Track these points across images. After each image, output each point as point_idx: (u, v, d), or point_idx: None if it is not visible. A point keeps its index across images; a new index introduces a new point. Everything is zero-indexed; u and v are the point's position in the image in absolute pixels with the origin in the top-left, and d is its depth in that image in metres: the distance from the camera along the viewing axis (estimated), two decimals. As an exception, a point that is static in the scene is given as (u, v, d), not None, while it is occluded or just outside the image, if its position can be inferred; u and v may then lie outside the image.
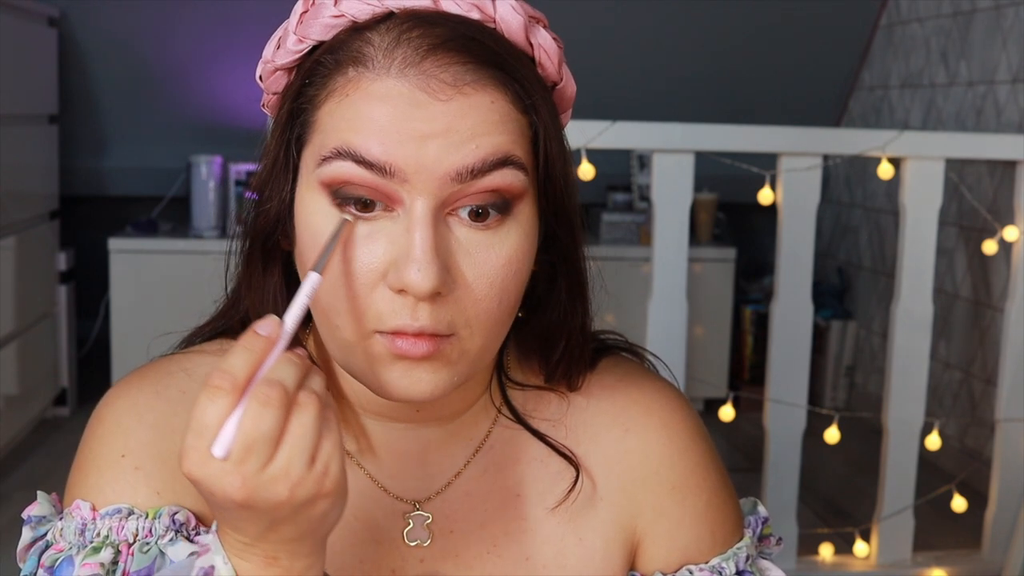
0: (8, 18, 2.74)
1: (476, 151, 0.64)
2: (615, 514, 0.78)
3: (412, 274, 0.63)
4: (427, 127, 0.63)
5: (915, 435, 2.26)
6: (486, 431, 0.78)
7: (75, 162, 3.63)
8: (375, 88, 0.64)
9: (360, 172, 0.64)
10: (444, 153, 0.63)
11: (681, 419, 0.80)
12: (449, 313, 0.65)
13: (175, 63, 3.47)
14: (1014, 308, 2.25)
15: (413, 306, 0.64)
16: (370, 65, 0.65)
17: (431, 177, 0.63)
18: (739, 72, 3.64)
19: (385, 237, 0.65)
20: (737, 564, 0.79)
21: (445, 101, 0.64)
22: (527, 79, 0.68)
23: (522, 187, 0.66)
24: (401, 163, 0.63)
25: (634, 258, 3.38)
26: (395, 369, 0.66)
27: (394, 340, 0.65)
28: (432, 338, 0.65)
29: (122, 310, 3.23)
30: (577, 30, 3.43)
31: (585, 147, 2.02)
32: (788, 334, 2.21)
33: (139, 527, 0.70)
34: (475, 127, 0.64)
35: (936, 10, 3.21)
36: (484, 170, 0.64)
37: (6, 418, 2.80)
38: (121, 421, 0.74)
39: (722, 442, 3.14)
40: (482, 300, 0.66)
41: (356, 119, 0.64)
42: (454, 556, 0.76)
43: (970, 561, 2.33)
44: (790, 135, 2.16)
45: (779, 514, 2.23)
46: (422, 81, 0.64)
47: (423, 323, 0.64)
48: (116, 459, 0.73)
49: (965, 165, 2.88)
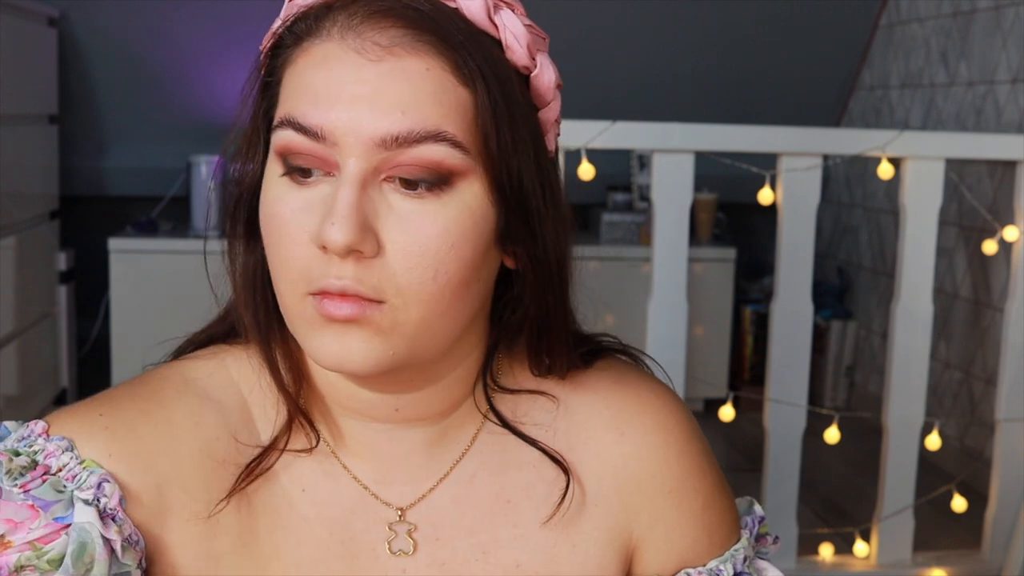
0: (8, 18, 2.74)
1: (403, 119, 0.63)
2: (610, 519, 0.76)
3: (329, 228, 0.63)
4: (357, 89, 0.64)
5: (915, 435, 2.26)
6: (472, 435, 0.76)
7: (75, 162, 3.63)
8: (317, 52, 0.66)
9: (299, 139, 0.65)
10: (371, 117, 0.63)
11: (676, 422, 0.79)
12: (376, 277, 0.64)
13: (175, 63, 3.47)
14: (1014, 308, 2.25)
15: (337, 265, 0.64)
16: (318, 32, 0.66)
17: (358, 141, 0.63)
18: (739, 72, 3.64)
19: (321, 201, 0.65)
20: (735, 566, 0.78)
21: (376, 62, 0.64)
22: (473, 53, 0.66)
23: (460, 165, 0.65)
24: (330, 126, 0.64)
25: (634, 258, 3.38)
26: (326, 335, 0.66)
27: (321, 300, 0.65)
28: (356, 300, 0.64)
29: (122, 310, 3.23)
30: (577, 30, 3.43)
31: (585, 147, 2.02)
32: (788, 334, 2.21)
33: (71, 464, 0.68)
34: (403, 93, 0.64)
35: (936, 10, 3.21)
36: (412, 140, 0.63)
37: (6, 418, 2.79)
38: (111, 394, 0.74)
39: (722, 442, 3.14)
40: (414, 268, 0.65)
41: (298, 87, 0.66)
42: (439, 565, 0.74)
43: (970, 561, 2.33)
44: (790, 135, 2.16)
45: (779, 514, 2.23)
46: (358, 44, 0.64)
47: (345, 282, 0.64)
48: (93, 415, 0.72)
49: (965, 165, 2.88)
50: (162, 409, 0.72)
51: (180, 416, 0.72)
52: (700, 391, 3.40)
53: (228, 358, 0.76)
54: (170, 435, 0.71)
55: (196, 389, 0.74)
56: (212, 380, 0.75)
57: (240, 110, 0.72)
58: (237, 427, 0.74)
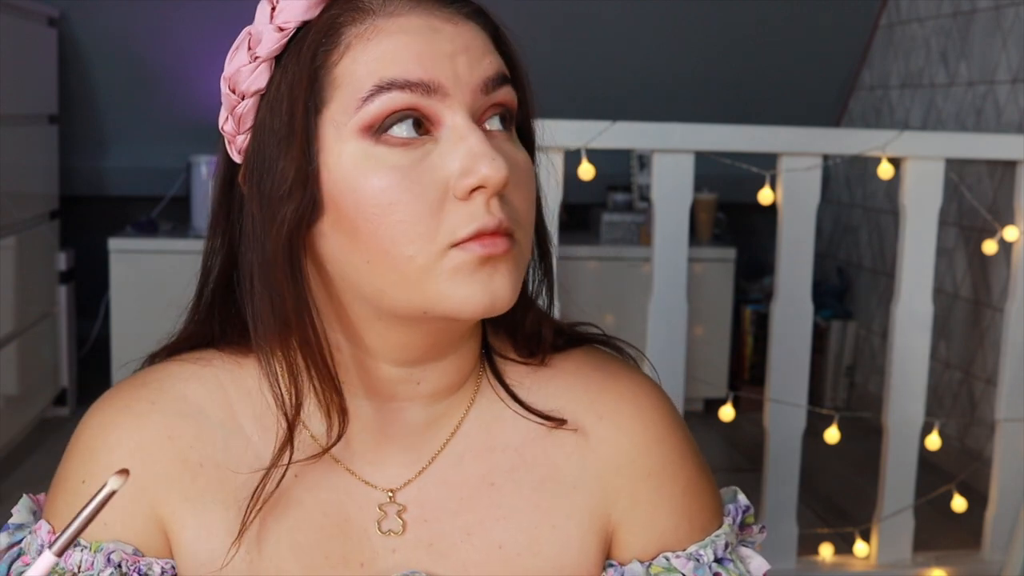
0: (8, 18, 2.74)
1: (492, 64, 0.70)
2: (590, 502, 0.78)
3: (485, 166, 0.66)
4: (451, 46, 0.69)
5: (915, 435, 2.26)
6: (459, 418, 0.78)
7: (75, 162, 3.63)
8: (392, 25, 0.69)
9: (405, 97, 0.67)
10: (470, 67, 0.69)
11: (655, 407, 0.81)
12: (507, 211, 0.69)
13: (175, 63, 3.47)
14: (1014, 308, 2.25)
15: (487, 204, 0.67)
16: (377, 12, 0.69)
17: (466, 89, 0.69)
18: (739, 72, 3.64)
19: (436, 158, 0.68)
20: (716, 551, 0.79)
21: (455, 24, 0.70)
22: (496, 23, 0.74)
23: (515, 106, 0.73)
24: (441, 78, 0.68)
25: (634, 258, 3.38)
26: (476, 279, 0.67)
27: (474, 245, 0.67)
28: (508, 236, 0.68)
29: (122, 310, 3.23)
30: (577, 30, 3.43)
31: (585, 147, 2.02)
32: (788, 334, 2.21)
33: (82, 560, 0.72)
34: (484, 46, 0.71)
35: (936, 10, 3.21)
36: (498, 83, 0.70)
37: (6, 418, 2.80)
38: (90, 443, 0.76)
39: (722, 442, 3.15)
40: (523, 200, 0.71)
41: (388, 53, 0.68)
42: (427, 545, 0.76)
43: (970, 561, 2.33)
44: (790, 135, 2.16)
45: (779, 514, 2.24)
46: (429, 12, 0.70)
47: (500, 216, 0.67)
48: (77, 485, 0.75)
49: (965, 165, 2.88)
50: (141, 432, 0.75)
51: (150, 436, 0.75)
52: (700, 391, 3.40)
53: (216, 361, 0.78)
54: (143, 459, 0.74)
55: (171, 396, 0.76)
56: (190, 385, 0.77)
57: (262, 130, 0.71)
58: (218, 430, 0.76)
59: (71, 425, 0.80)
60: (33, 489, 0.84)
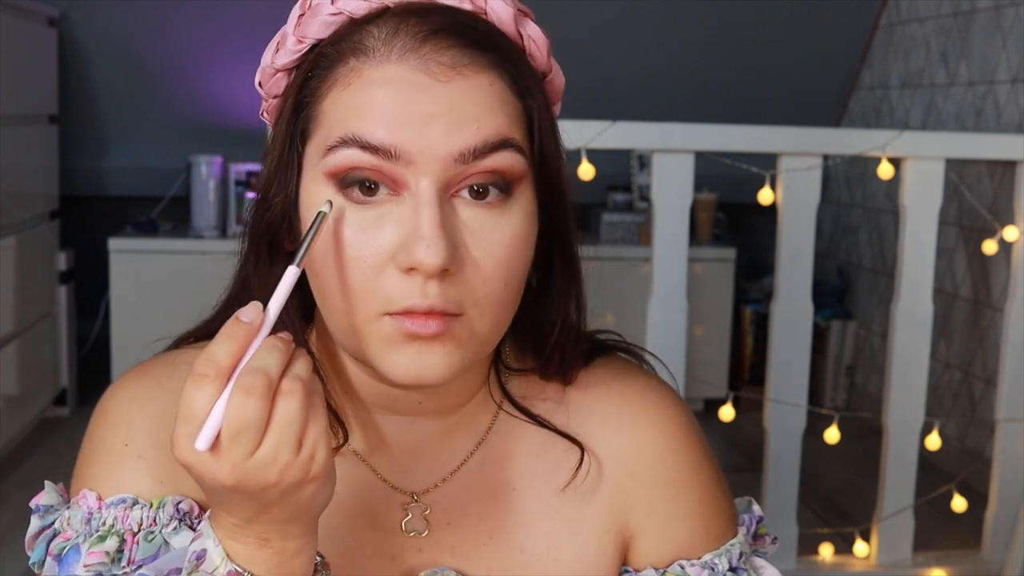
0: (8, 18, 2.74)
1: (478, 132, 0.66)
2: (608, 509, 0.78)
3: (422, 250, 0.64)
4: (430, 108, 0.65)
5: (915, 435, 2.26)
6: (487, 426, 0.79)
7: (75, 162, 3.62)
8: (377, 74, 0.66)
9: (366, 157, 0.65)
10: (447, 134, 0.65)
11: (674, 416, 0.81)
12: (457, 292, 0.66)
13: (175, 63, 3.47)
14: (1014, 308, 2.25)
15: (422, 284, 0.65)
16: (371, 54, 0.67)
17: (435, 158, 0.65)
18: (739, 72, 3.64)
19: (392, 221, 0.66)
20: (730, 560, 0.79)
21: (445, 82, 0.66)
22: (521, 64, 0.70)
23: (522, 169, 0.68)
24: (406, 145, 0.65)
25: (634, 258, 3.38)
26: (406, 352, 0.67)
27: (404, 320, 0.66)
28: (442, 317, 0.66)
29: (122, 310, 3.23)
30: (577, 30, 3.43)
31: (585, 147, 2.02)
32: (788, 334, 2.21)
33: (143, 516, 0.72)
34: (476, 108, 0.66)
35: (936, 10, 3.21)
36: (486, 151, 0.66)
37: (6, 418, 2.80)
38: (123, 411, 0.75)
39: (722, 442, 3.14)
40: (489, 280, 0.67)
41: (360, 106, 0.66)
42: (451, 548, 0.77)
43: (970, 561, 2.33)
44: (790, 135, 2.16)
45: (779, 514, 2.23)
46: (422, 65, 0.66)
47: (432, 301, 0.65)
48: (120, 449, 0.74)
49: (965, 165, 2.88)
50: (168, 409, 0.74)
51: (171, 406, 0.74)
52: (700, 391, 3.39)
53: None
54: None
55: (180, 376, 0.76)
56: None
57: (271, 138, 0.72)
58: None
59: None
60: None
